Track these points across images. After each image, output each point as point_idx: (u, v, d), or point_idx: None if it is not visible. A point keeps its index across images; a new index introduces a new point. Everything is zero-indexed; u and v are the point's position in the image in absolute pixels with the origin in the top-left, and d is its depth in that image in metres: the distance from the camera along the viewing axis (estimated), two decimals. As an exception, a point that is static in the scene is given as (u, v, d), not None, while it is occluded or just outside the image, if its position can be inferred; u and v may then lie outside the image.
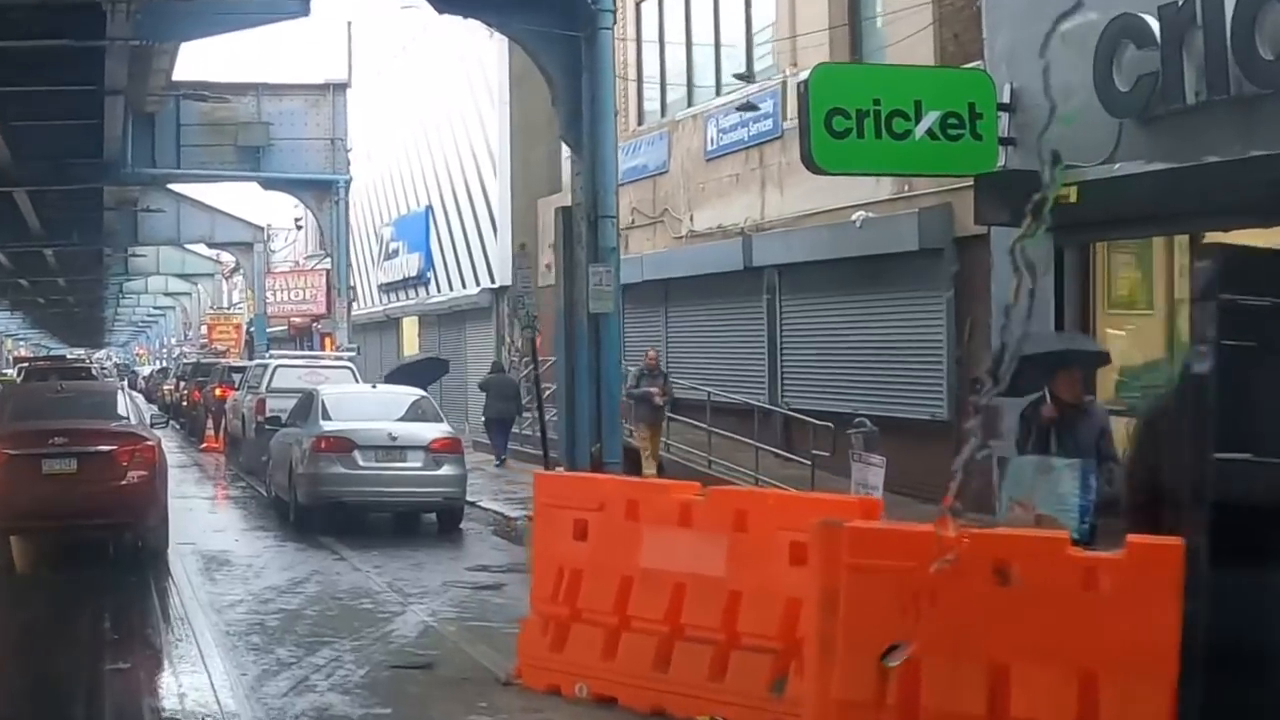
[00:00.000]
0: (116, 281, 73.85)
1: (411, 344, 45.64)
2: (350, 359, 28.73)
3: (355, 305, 55.76)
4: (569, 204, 18.22)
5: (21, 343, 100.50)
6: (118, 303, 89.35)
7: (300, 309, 58.97)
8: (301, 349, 65.24)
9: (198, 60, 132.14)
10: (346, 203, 34.03)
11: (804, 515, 8.20)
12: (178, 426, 44.33)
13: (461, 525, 18.19)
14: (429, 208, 42.74)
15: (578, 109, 17.47)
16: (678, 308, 26.84)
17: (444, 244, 41.30)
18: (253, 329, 67.50)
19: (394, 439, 17.38)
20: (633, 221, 28.28)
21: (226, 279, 72.83)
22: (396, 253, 45.82)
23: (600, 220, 17.29)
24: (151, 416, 17.69)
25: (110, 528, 14.45)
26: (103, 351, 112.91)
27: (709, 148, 25.32)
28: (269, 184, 35.34)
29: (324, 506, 17.26)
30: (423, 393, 19.85)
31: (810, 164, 16.06)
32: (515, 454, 28.20)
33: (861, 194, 20.08)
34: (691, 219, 26.01)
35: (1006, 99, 16.68)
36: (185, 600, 12.44)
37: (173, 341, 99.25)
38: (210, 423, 33.91)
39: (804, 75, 16.50)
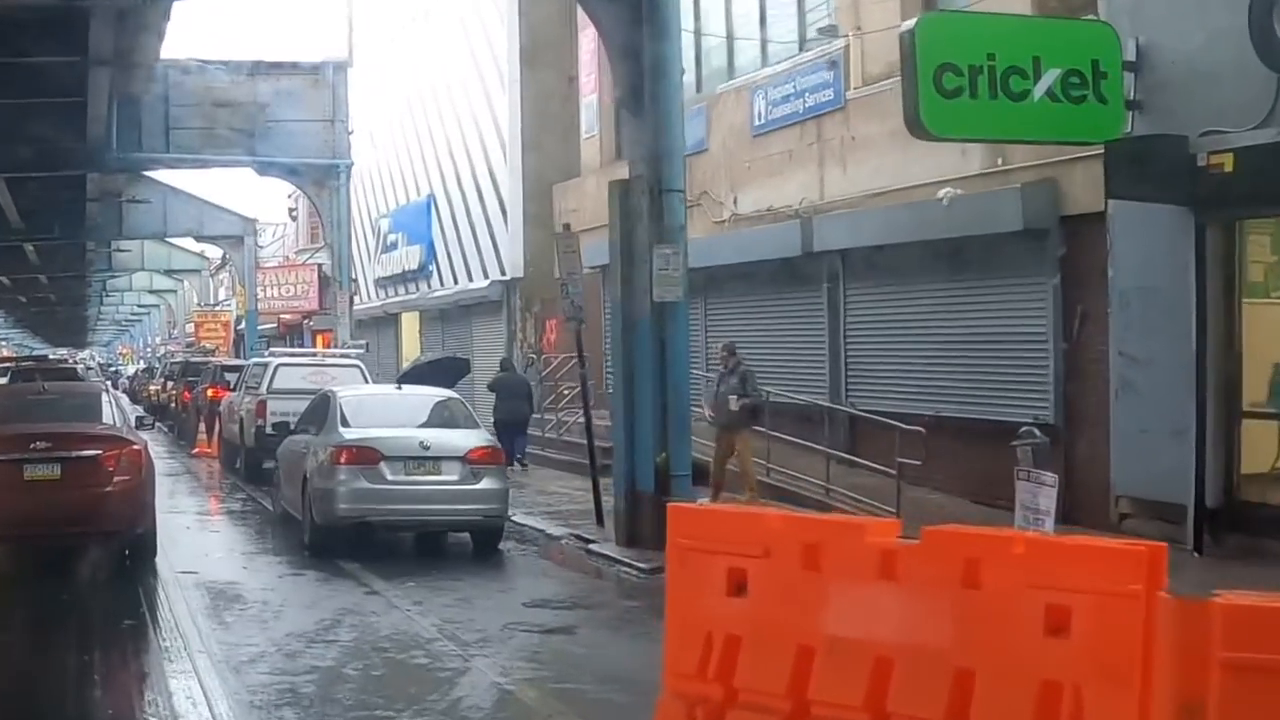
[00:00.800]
0: (100, 279, 71.36)
1: (412, 341, 43.28)
2: (359, 357, 26.38)
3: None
4: (624, 177, 15.88)
5: (3, 343, 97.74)
6: (101, 301, 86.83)
7: (291, 305, 56.67)
8: (292, 347, 62.99)
9: (188, 38, 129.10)
10: (348, 189, 31.69)
11: (1064, 566, 5.96)
12: (165, 429, 41.97)
13: (499, 545, 15.85)
14: (431, 197, 40.38)
15: (637, 67, 15.15)
16: (719, 299, 24.53)
17: (448, 235, 38.95)
18: (243, 327, 65.20)
19: (426, 448, 15.05)
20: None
21: (213, 275, 70.29)
22: (395, 245, 43.43)
23: (665, 195, 14.99)
24: (137, 418, 16.80)
25: (96, 536, 13.65)
26: (86, 351, 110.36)
27: (756, 123, 23.02)
28: (264, 169, 32.96)
29: (345, 527, 14.93)
30: (452, 394, 17.51)
31: (917, 128, 13.74)
32: (535, 459, 25.91)
33: (945, 168, 17.83)
34: (735, 201, 23.70)
35: (1131, 56, 14.45)
36: (193, 653, 10.08)
37: (156, 340, 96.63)
38: (202, 426, 31.52)
39: (907, 25, 14.17)
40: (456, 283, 38.01)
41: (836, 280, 20.73)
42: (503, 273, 34.50)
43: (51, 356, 72.75)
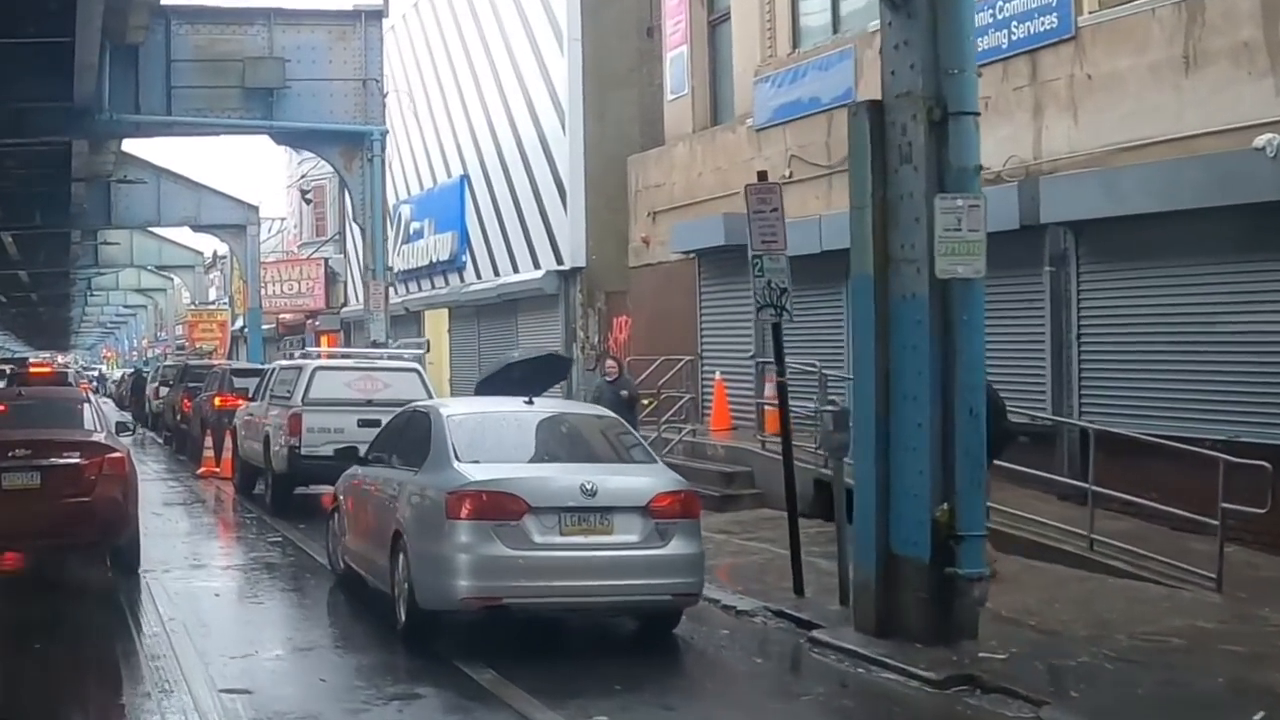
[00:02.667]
0: (85, 276, 66.31)
1: (439, 342, 38.13)
2: (418, 357, 21.41)
3: (354, 299, 48.40)
4: (873, 99, 10.87)
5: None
6: (85, 301, 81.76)
7: (294, 303, 51.71)
8: (293, 350, 57.75)
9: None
10: (383, 159, 26.61)
11: None
12: (160, 442, 36.84)
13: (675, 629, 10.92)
14: (464, 177, 35.40)
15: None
16: None
17: (486, 221, 33.94)
18: (243, 327, 60.03)
19: (591, 494, 10.05)
20: (790, 174, 21.14)
21: (206, 273, 64.99)
22: (419, 234, 38.33)
23: (953, 120, 10.01)
24: (117, 423, 15.76)
25: (78, 547, 13.49)
26: (70, 355, 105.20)
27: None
28: (283, 137, 27.93)
29: (469, 612, 9.96)
30: (607, 413, 12.49)
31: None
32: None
33: (1246, 110, 12.99)
34: (898, 164, 18.65)
35: None
36: None
37: (144, 343, 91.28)
38: (209, 441, 26.44)
39: None
40: (498, 274, 32.99)
41: (1065, 261, 15.81)
42: (559, 261, 29.52)
43: (31, 361, 68.17)
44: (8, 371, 41.82)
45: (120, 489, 13.19)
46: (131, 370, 62.94)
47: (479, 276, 34.43)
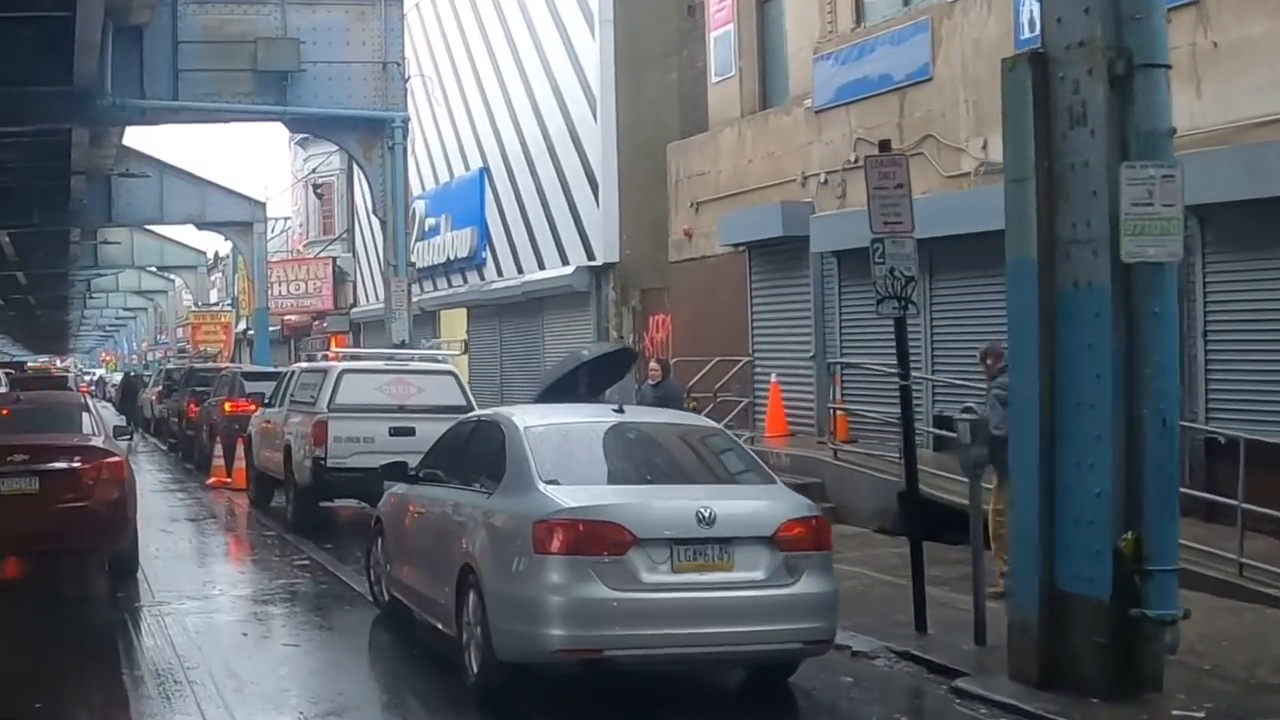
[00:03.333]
0: (84, 278, 64.56)
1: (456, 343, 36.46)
2: (454, 356, 19.76)
3: (364, 299, 46.72)
4: (1034, 50, 9.18)
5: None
6: (84, 303, 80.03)
7: (301, 304, 50.04)
8: (297, 352, 56.01)
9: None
10: (404, 147, 24.87)
11: None
12: (164, 449, 35.12)
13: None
14: (484, 170, 33.73)
15: None
16: (950, 281, 17.93)
17: (509, 215, 32.27)
18: (246, 329, 58.28)
19: (708, 523, 8.35)
20: (856, 159, 19.45)
21: (209, 273, 63.22)
22: (435, 230, 36.61)
23: (1139, 74, 8.32)
24: (115, 427, 15.84)
25: (76, 551, 13.24)
26: (68, 358, 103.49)
27: (1023, 35, 16.35)
28: (298, 123, 26.28)
29: (561, 665, 8.27)
30: (707, 422, 10.76)
31: None
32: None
33: None
34: (985, 146, 17.03)
35: None
36: None
37: (144, 346, 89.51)
38: (218, 449, 24.75)
39: None
40: (521, 271, 31.30)
41: (1189, 249, 14.05)
42: (590, 257, 27.83)
43: (28, 365, 66.54)
44: (3, 378, 40.95)
45: (119, 494, 12.97)
46: (133, 374, 61.12)
47: (501, 274, 32.75)
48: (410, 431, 16.86)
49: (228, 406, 25.67)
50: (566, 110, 28.66)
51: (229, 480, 23.76)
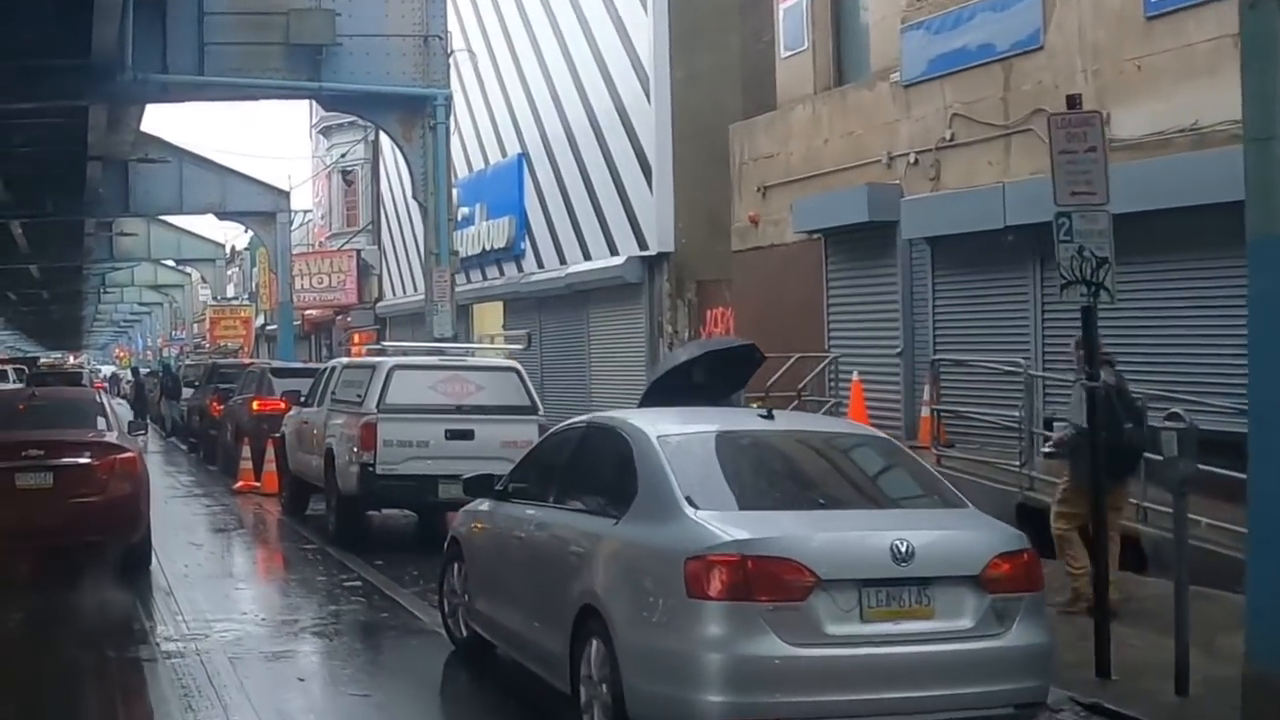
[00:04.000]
0: (99, 272, 62.77)
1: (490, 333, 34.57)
2: (518, 351, 17.97)
3: (391, 293, 44.95)
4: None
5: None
6: (99, 298, 78.34)
7: (324, 298, 48.26)
8: (320, 349, 54.31)
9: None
10: (447, 127, 23.00)
11: None
12: (184, 449, 33.39)
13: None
14: (523, 156, 31.91)
15: None
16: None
17: (550, 204, 30.46)
18: (264, 324, 56.54)
19: (904, 559, 6.52)
20: (951, 136, 17.68)
21: (226, 266, 61.43)
22: (469, 220, 34.70)
23: None
24: (128, 422, 16.15)
25: (90, 546, 12.90)
26: (82, 354, 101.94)
27: (1154, -2, 14.57)
28: (333, 100, 24.36)
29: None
30: (871, 430, 8.92)
31: None
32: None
33: None
34: (1108, 120, 15.10)
35: None
36: None
37: (160, 341, 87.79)
38: (245, 449, 22.97)
39: None
40: (565, 262, 29.48)
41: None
42: (642, 246, 26.00)
43: (41, 361, 64.99)
44: (10, 372, 39.58)
45: (132, 489, 13.06)
46: (149, 370, 59.32)
47: (541, 265, 30.94)
48: (468, 435, 15.11)
49: (256, 405, 23.89)
50: (615, 90, 26.84)
51: (257, 485, 22.03)
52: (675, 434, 7.63)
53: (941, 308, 18.27)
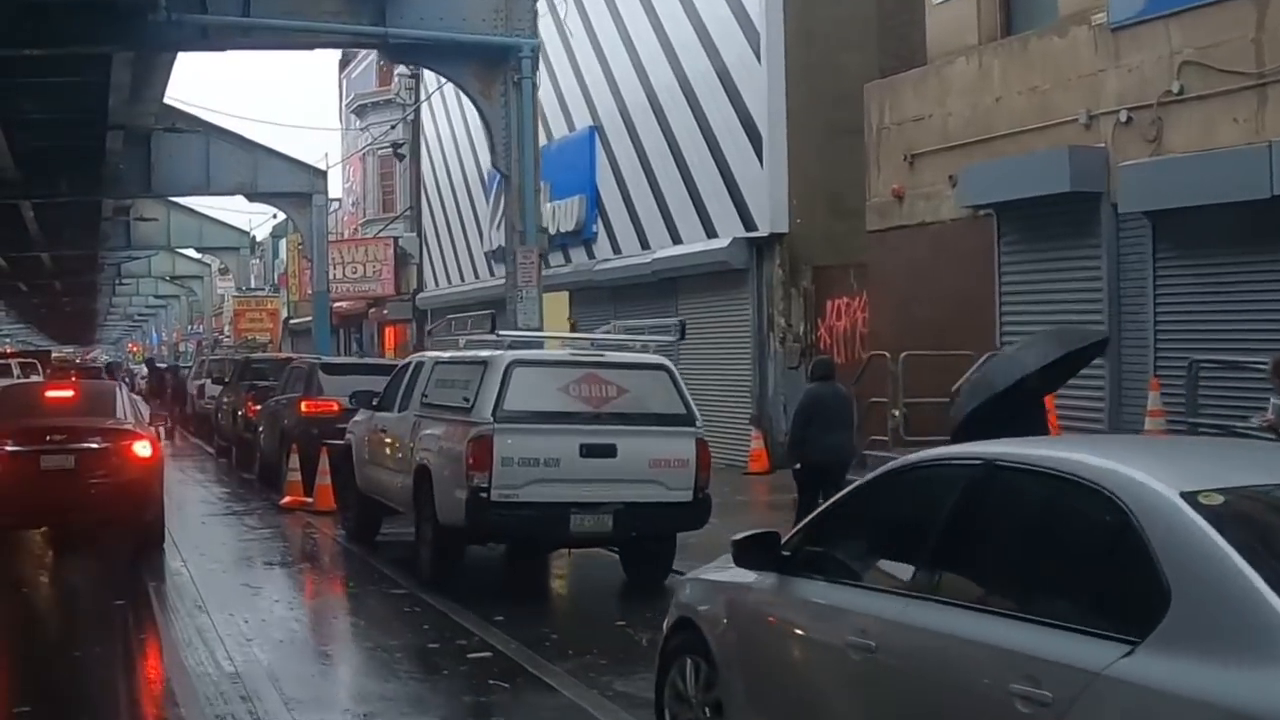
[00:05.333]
0: (115, 261, 59.49)
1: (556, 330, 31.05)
2: (667, 345, 14.63)
3: (432, 283, 41.53)
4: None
5: (6, 340, 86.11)
6: (113, 291, 74.97)
7: (359, 289, 44.87)
8: (350, 343, 50.85)
9: None
10: (534, 83, 19.55)
11: None
12: (210, 452, 29.98)
13: None
14: (594, 129, 28.45)
15: None
16: (1191, 258, 12.68)
17: (629, 181, 27.03)
18: (288, 318, 53.15)
19: None
20: (1180, 89, 14.22)
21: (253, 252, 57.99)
22: (528, 204, 31.17)
23: None
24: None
25: (107, 523, 14.23)
26: (94, 350, 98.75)
27: None
28: (399, 50, 20.80)
29: None
30: None
31: None
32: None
33: None
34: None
35: None
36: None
37: (176, 336, 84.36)
38: (293, 460, 19.54)
39: None
40: (647, 246, 26.03)
41: None
42: (748, 227, 22.52)
43: (55, 355, 61.84)
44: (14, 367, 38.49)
45: (146, 471, 14.00)
46: (169, 365, 55.85)
47: (617, 250, 27.48)
48: (609, 451, 11.74)
49: (304, 406, 20.47)
50: (715, 49, 23.35)
51: (308, 501, 18.67)
52: (1217, 493, 4.16)
53: (1166, 297, 14.82)
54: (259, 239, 65.69)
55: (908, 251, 18.90)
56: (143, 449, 13.99)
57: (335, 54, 50.46)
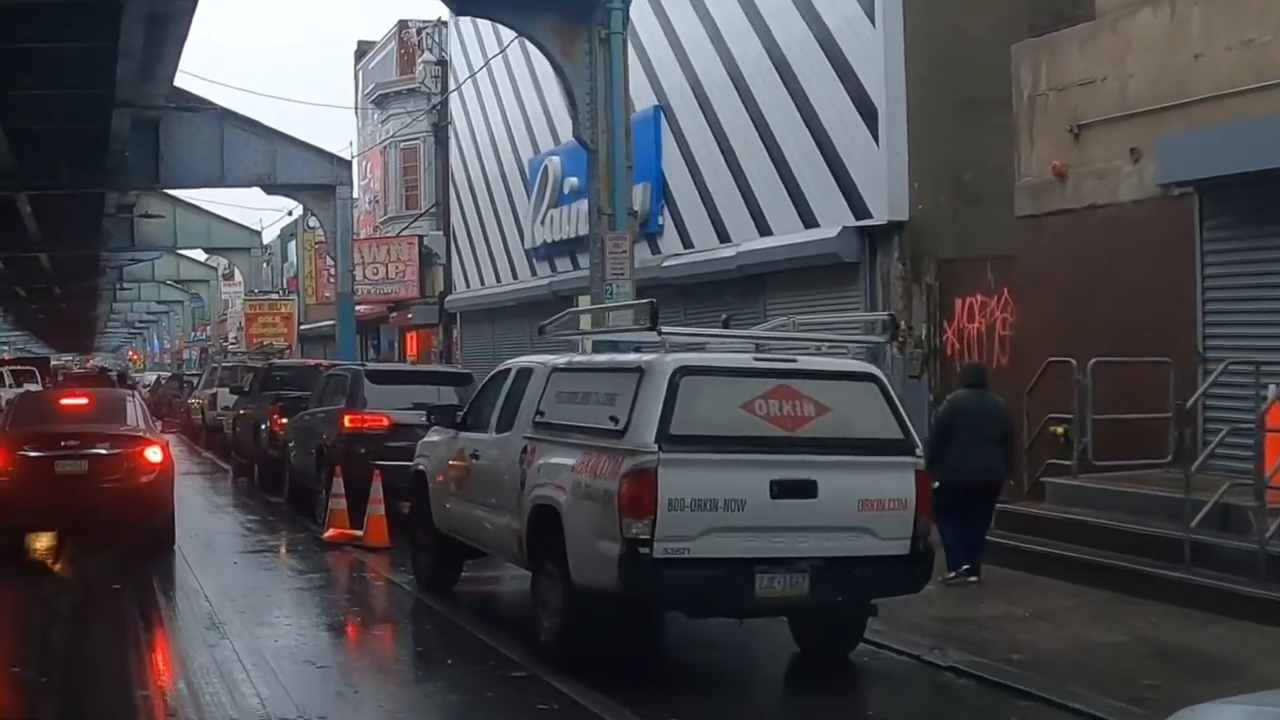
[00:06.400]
0: (117, 264, 56.49)
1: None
2: (873, 345, 11.84)
3: (462, 284, 38.49)
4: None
5: (3, 346, 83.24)
6: (114, 295, 71.90)
7: (381, 291, 41.87)
8: (367, 349, 47.73)
9: None
10: (624, 40, 16.57)
11: None
12: (226, 468, 26.96)
13: None
14: (659, 108, 25.48)
15: None
16: None
17: (703, 166, 24.12)
18: (301, 322, 50.10)
19: None
20: None
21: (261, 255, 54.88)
22: (578, 193, 28.01)
23: None
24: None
25: (120, 525, 14.64)
26: (94, 357, 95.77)
27: None
28: (469, 2, 17.80)
29: None
30: None
31: None
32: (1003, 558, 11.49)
33: None
34: None
35: None
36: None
37: (179, 341, 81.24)
38: (336, 485, 16.51)
39: None
40: (725, 239, 23.01)
41: None
42: (858, 215, 19.48)
43: (54, 363, 59.21)
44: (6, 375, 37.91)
45: (157, 475, 14.73)
46: (172, 374, 52.88)
47: (688, 244, 24.46)
48: (808, 489, 8.73)
49: (348, 421, 17.48)
50: (815, 15, 20.32)
51: (358, 535, 15.72)
52: None
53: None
54: (265, 242, 62.73)
55: (1073, 240, 15.85)
56: (153, 454, 14.75)
57: (351, 45, 47.60)
